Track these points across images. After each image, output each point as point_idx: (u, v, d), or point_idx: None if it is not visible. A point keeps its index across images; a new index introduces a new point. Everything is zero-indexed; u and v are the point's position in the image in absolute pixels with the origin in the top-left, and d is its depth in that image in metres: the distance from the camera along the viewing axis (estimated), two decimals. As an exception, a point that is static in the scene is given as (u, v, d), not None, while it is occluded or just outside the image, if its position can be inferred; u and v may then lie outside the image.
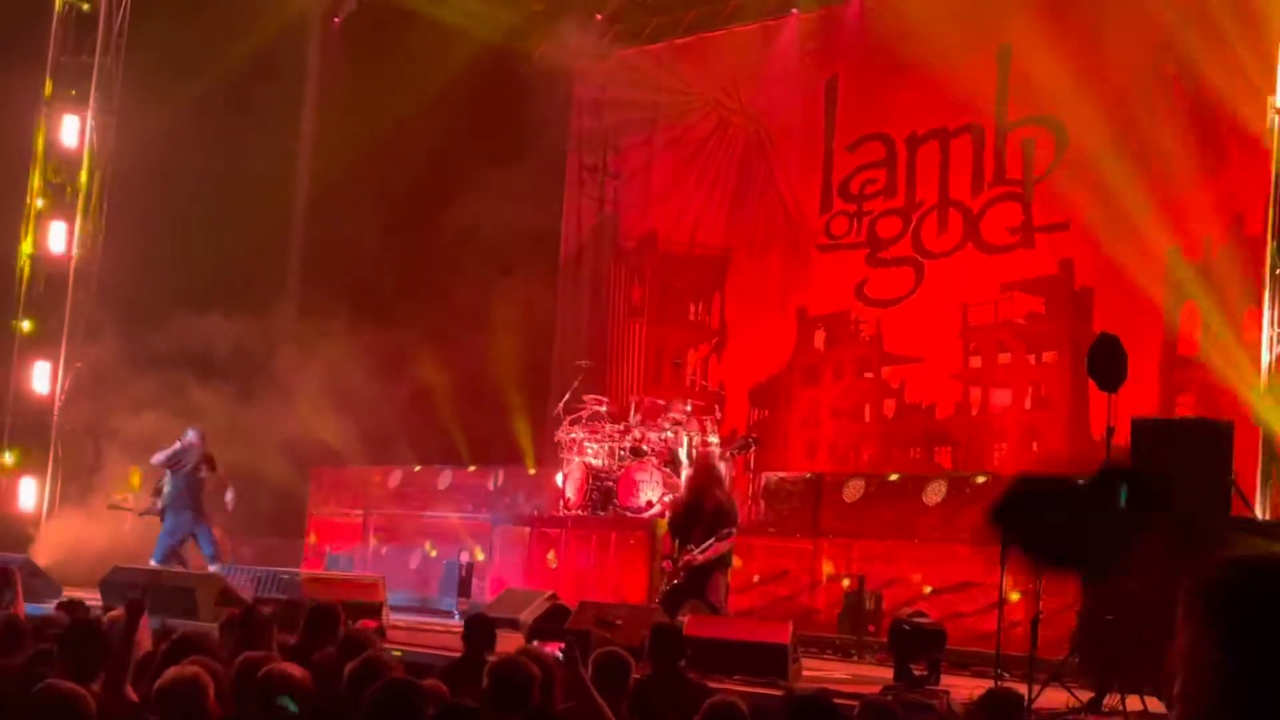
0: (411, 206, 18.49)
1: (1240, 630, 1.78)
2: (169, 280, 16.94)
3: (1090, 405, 14.73)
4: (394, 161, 18.21)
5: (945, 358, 16.64)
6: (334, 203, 19.19)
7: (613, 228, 20.14)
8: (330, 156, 19.42)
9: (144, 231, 17.30)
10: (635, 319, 19.70)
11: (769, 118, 18.66)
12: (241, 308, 16.96)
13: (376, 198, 18.59)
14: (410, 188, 18.22)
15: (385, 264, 18.20)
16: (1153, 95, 15.26)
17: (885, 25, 17.59)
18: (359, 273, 18.29)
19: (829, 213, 18.01)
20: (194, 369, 16.65)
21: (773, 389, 18.13)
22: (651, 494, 14.85)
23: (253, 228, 18.36)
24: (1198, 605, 1.82)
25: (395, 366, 16.90)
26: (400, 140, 18.30)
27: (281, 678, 5.45)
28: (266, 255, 18.93)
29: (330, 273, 18.69)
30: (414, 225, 18.54)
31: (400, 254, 18.43)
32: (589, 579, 14.57)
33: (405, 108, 18.42)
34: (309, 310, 18.41)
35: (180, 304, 16.60)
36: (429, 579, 16.38)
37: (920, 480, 13.56)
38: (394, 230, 18.54)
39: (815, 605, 13.65)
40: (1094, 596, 9.06)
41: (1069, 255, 15.82)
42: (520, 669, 5.73)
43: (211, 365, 16.80)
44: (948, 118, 16.91)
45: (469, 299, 17.99)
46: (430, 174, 18.00)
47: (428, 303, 17.71)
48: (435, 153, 18.01)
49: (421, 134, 18.06)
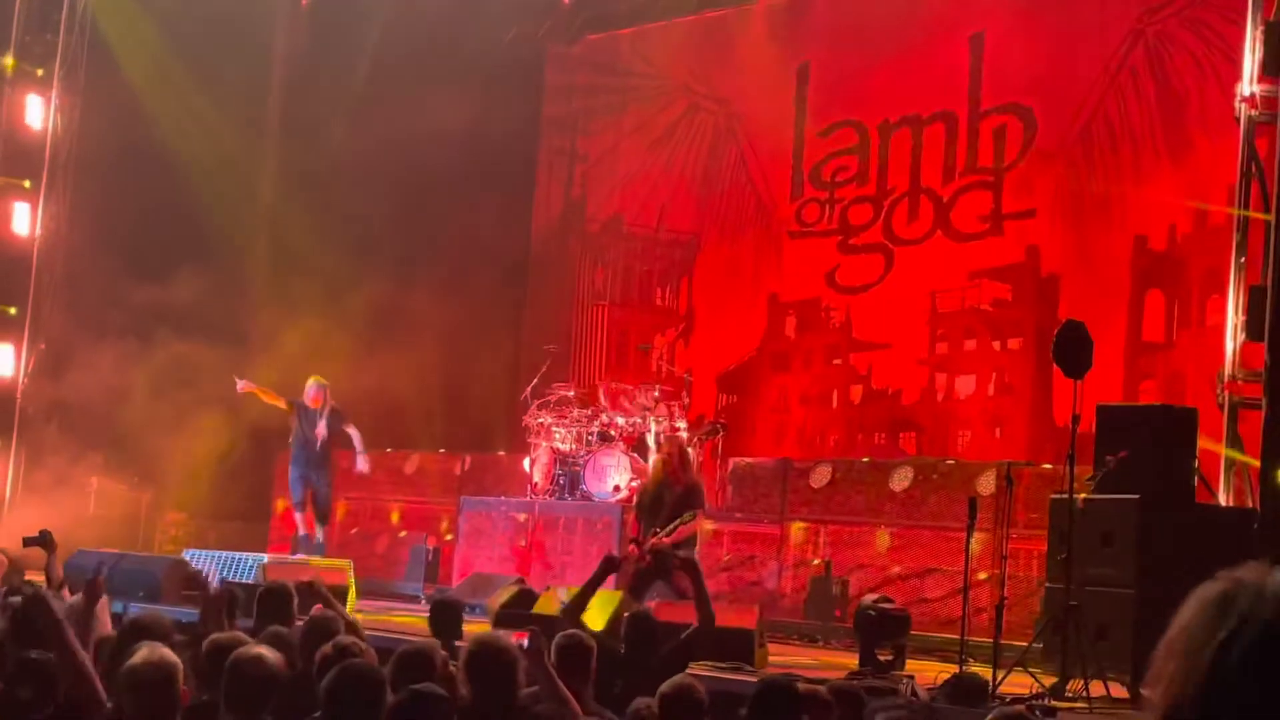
0: (379, 188, 18.39)
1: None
2: (134, 262, 16.82)
3: (1054, 392, 14.78)
4: (362, 144, 18.10)
5: (913, 344, 16.67)
6: (301, 184, 19.08)
7: (579, 212, 20.10)
8: (297, 137, 19.32)
9: (109, 212, 17.19)
10: (600, 303, 19.67)
11: (739, 103, 18.63)
12: (208, 290, 16.86)
13: (345, 179, 18.49)
14: (378, 170, 18.12)
15: (353, 245, 18.10)
16: (1121, 83, 15.31)
17: (857, 10, 17.61)
18: (328, 254, 18.19)
19: (800, 199, 18.01)
20: (159, 350, 16.54)
21: (741, 375, 18.14)
22: (619, 479, 14.84)
23: (219, 209, 18.27)
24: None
25: (362, 351, 16.83)
26: (368, 123, 18.20)
27: (253, 660, 5.41)
28: (233, 236, 18.82)
29: (298, 254, 18.58)
30: (382, 208, 18.45)
31: (368, 236, 18.35)
32: (556, 564, 14.57)
33: (373, 89, 18.35)
34: (276, 293, 18.32)
35: (145, 286, 16.48)
36: (396, 563, 16.35)
37: (887, 466, 13.60)
38: (362, 212, 18.45)
39: (782, 590, 13.67)
40: (1058, 582, 9.09)
41: (1036, 242, 15.86)
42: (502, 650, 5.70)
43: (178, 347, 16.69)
44: (921, 105, 16.92)
45: (437, 283, 17.93)
46: (399, 157, 17.90)
47: (395, 286, 17.65)
48: (404, 136, 17.91)
49: (389, 117, 17.95)
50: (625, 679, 7.07)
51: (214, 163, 17.96)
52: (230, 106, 18.26)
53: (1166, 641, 1.81)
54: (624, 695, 6.49)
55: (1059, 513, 9.34)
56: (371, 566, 16.12)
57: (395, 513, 17.09)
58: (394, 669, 5.71)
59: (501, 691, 5.62)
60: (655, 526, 10.96)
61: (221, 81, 18.02)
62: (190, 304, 16.58)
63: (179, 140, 17.59)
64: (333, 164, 18.55)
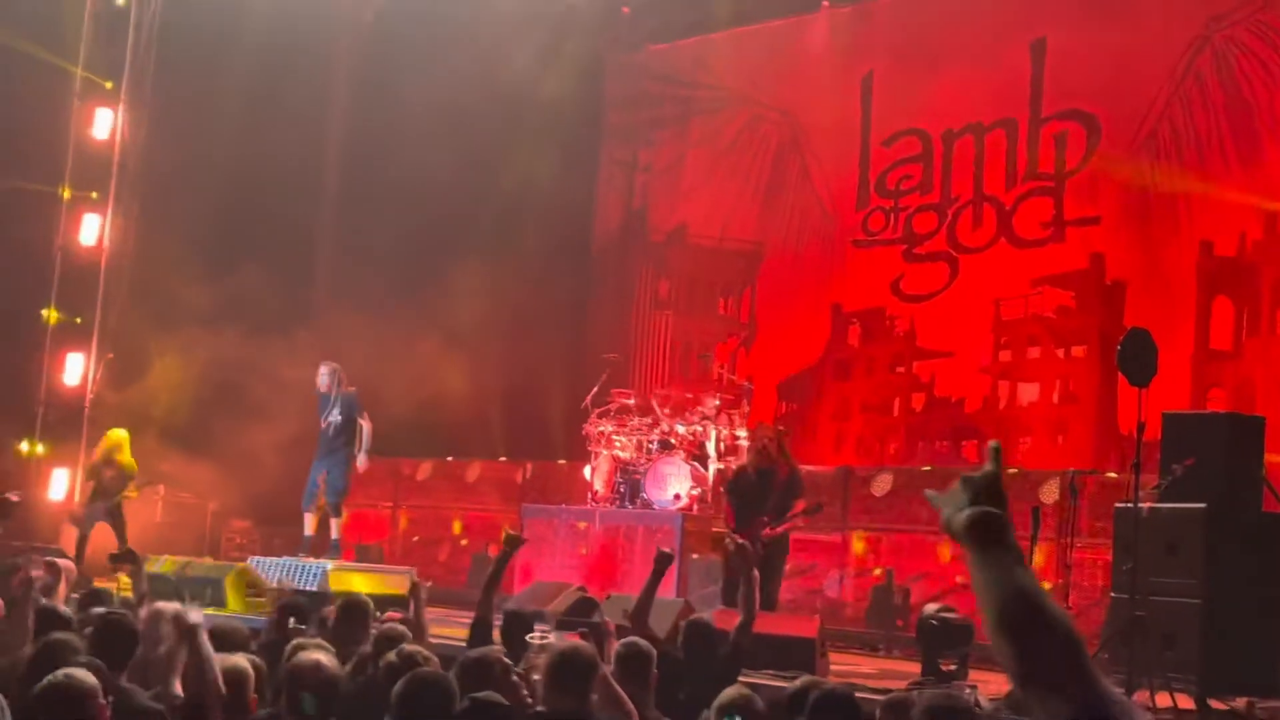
0: (441, 200, 18.49)
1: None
2: (199, 271, 16.99)
3: (1119, 400, 14.64)
4: (423, 156, 18.20)
5: (976, 352, 16.57)
6: (363, 196, 19.22)
7: (642, 222, 20.12)
8: (360, 150, 19.46)
9: (175, 222, 17.36)
10: (663, 312, 19.68)
11: (802, 113, 18.60)
12: (273, 298, 16.99)
13: (405, 191, 18.59)
14: (439, 181, 18.21)
15: (414, 257, 18.21)
16: (1187, 88, 15.17)
17: (919, 19, 17.53)
18: (388, 265, 18.31)
19: (866, 209, 17.95)
20: (224, 359, 16.69)
21: (802, 383, 18.09)
22: (679, 487, 14.82)
23: (284, 219, 18.42)
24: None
25: (425, 359, 16.91)
26: (430, 135, 18.30)
27: (310, 669, 5.43)
28: (297, 246, 18.97)
29: (360, 265, 18.71)
30: (444, 219, 18.55)
31: (430, 247, 18.44)
32: (617, 571, 14.57)
33: (434, 103, 18.43)
34: (341, 302, 18.44)
35: (211, 295, 16.64)
36: (458, 571, 16.41)
37: (949, 474, 13.49)
38: (423, 224, 18.54)
39: (844, 599, 13.62)
40: (1124, 592, 9.00)
41: (1100, 249, 15.73)
42: (586, 660, 5.70)
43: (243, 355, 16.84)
44: (983, 112, 16.83)
45: (499, 292, 17.99)
46: (461, 168, 18.00)
47: (457, 296, 17.71)
48: (466, 147, 18.01)
49: (451, 129, 18.05)
50: (688, 687, 7.06)
51: (278, 173, 18.10)
52: (294, 118, 18.40)
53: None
54: (688, 704, 6.49)
55: (1124, 522, 9.25)
56: (433, 574, 16.17)
57: (457, 521, 17.16)
58: (457, 677, 5.72)
59: (578, 701, 5.62)
60: (762, 515, 10.86)
61: (286, 93, 18.17)
62: (255, 313, 16.72)
63: (244, 151, 17.74)
64: (395, 175, 18.66)
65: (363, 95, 19.79)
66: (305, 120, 18.92)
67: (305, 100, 18.84)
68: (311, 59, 18.94)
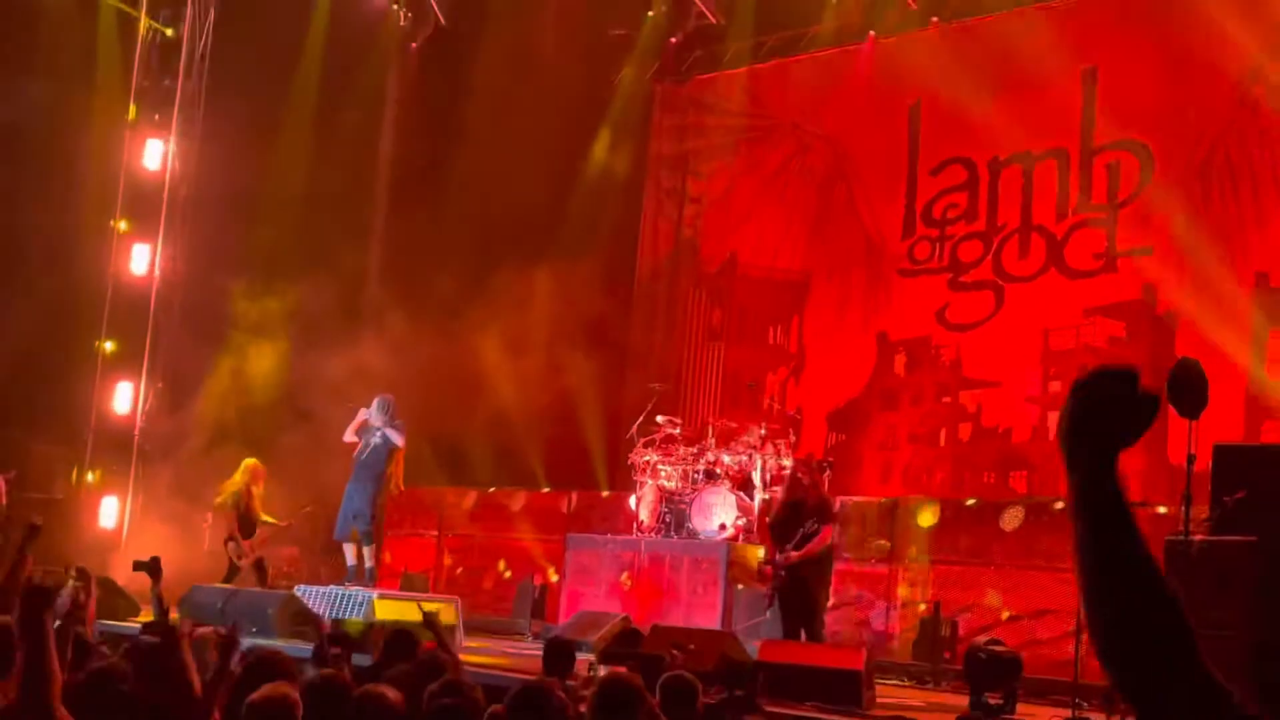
0: (487, 230, 18.55)
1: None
2: (248, 303, 17.09)
3: (1170, 431, 14.46)
4: (470, 184, 18.28)
5: (1023, 382, 16.43)
6: (411, 225, 19.30)
7: (691, 251, 20.10)
8: (407, 179, 19.56)
9: (224, 252, 17.50)
10: (714, 342, 19.64)
11: (849, 142, 18.55)
12: (322, 329, 17.07)
13: (453, 220, 18.67)
14: (486, 211, 18.29)
15: (462, 286, 18.26)
16: (1240, 118, 15.05)
17: (968, 47, 17.45)
18: (436, 294, 18.36)
19: (912, 238, 17.86)
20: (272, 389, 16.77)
21: (850, 413, 17.99)
22: (725, 517, 14.77)
23: (333, 248, 18.51)
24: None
25: (470, 388, 16.93)
26: (476, 163, 18.37)
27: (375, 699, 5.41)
28: (346, 275, 19.06)
29: (407, 294, 18.78)
30: (490, 248, 18.60)
31: (476, 276, 18.48)
32: (662, 602, 14.52)
33: (481, 131, 18.52)
34: (390, 332, 18.50)
35: (259, 326, 16.75)
36: (503, 600, 16.40)
37: (997, 506, 13.40)
38: (470, 253, 18.60)
39: (890, 631, 13.50)
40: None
41: (1152, 280, 15.59)
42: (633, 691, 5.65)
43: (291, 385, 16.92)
44: (1032, 141, 16.73)
45: (543, 322, 18.01)
46: (506, 198, 18.06)
47: (503, 325, 17.75)
48: (511, 177, 18.06)
49: (497, 158, 18.11)
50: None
51: (328, 203, 18.22)
52: (343, 148, 18.53)
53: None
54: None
55: (1174, 555, 9.12)
56: (479, 604, 16.18)
57: (502, 549, 17.16)
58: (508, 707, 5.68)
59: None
60: (788, 545, 10.86)
61: (334, 122, 18.31)
62: (305, 343, 16.80)
63: (294, 180, 17.86)
64: (443, 206, 18.74)
65: (411, 119, 19.89)
66: (354, 150, 19.03)
67: (354, 130, 18.96)
68: (361, 89, 19.07)
